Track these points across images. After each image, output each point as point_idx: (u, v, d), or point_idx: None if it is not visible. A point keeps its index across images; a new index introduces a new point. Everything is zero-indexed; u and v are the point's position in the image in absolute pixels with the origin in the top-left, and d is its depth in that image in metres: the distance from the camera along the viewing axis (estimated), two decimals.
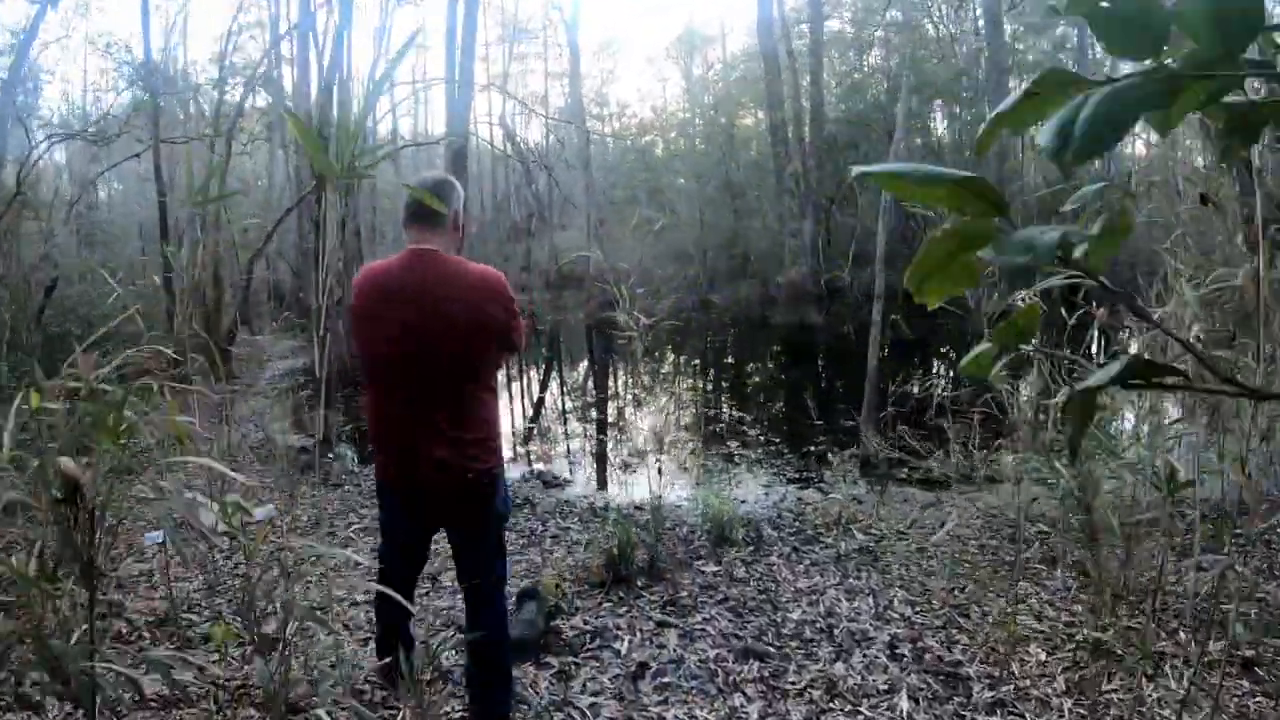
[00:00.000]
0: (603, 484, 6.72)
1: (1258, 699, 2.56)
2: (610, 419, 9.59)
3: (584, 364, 16.03)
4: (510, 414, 10.96)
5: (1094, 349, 3.91)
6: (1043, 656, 2.99)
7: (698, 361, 14.99)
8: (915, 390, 6.77)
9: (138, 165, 13.29)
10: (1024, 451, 3.19)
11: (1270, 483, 2.81)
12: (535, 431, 9.26)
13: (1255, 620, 2.26)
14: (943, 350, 14.18)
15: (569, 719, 2.71)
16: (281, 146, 17.43)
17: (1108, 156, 20.34)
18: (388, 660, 2.40)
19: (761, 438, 8.19)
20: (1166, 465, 2.21)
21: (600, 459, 7.67)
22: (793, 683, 2.96)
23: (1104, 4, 0.60)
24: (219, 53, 15.50)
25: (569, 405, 11.31)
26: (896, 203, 9.18)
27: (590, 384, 13.27)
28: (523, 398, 12.47)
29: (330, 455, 6.66)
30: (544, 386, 13.57)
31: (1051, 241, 0.64)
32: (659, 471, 4.36)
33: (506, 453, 8.10)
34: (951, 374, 11.85)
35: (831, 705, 2.80)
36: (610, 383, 13.01)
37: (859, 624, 3.43)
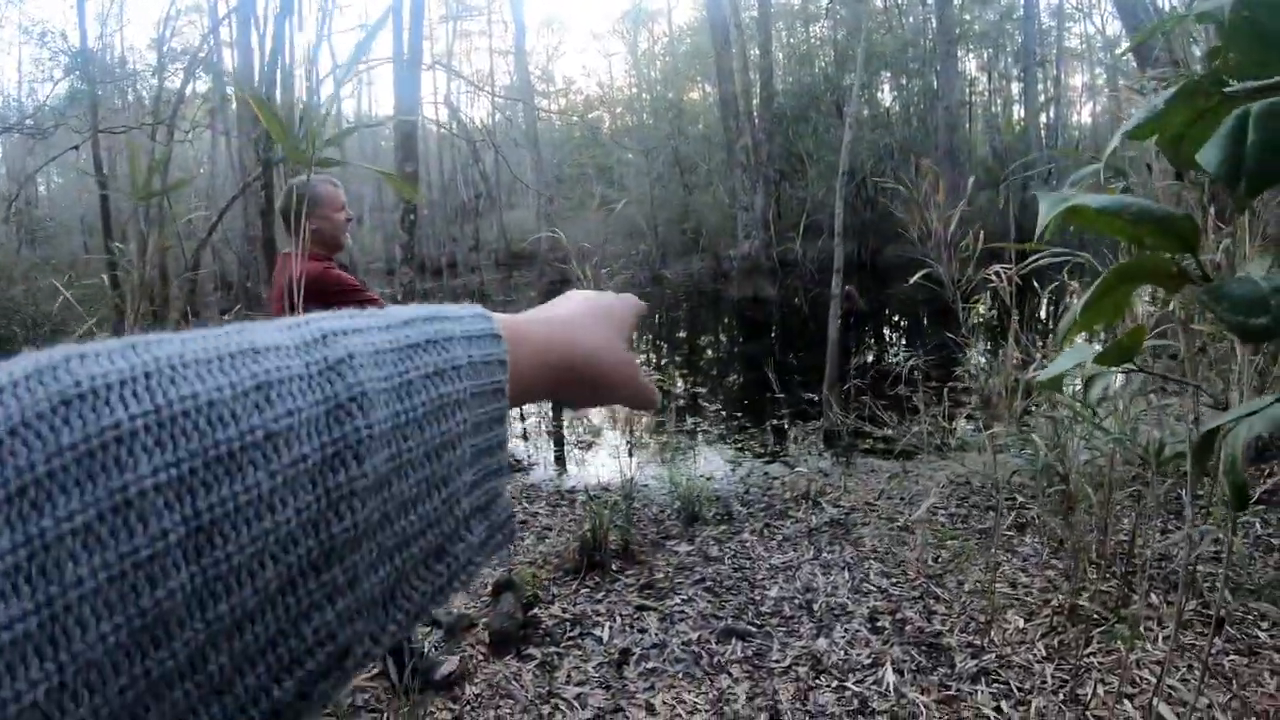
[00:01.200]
0: (565, 465, 6.66)
1: (1231, 657, 2.61)
2: None
3: None
4: None
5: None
6: (1021, 623, 3.03)
7: (651, 336, 14.97)
8: (880, 361, 6.81)
9: (77, 157, 12.77)
10: (999, 423, 3.21)
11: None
12: None
13: (1223, 580, 2.30)
14: (896, 320, 14.35)
15: (557, 711, 2.67)
16: (224, 133, 16.86)
17: (1054, 124, 20.72)
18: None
19: (723, 412, 8.19)
20: (1154, 440, 2.24)
21: (559, 440, 7.61)
22: (777, 661, 2.96)
23: (1244, 13, 0.58)
24: (157, 38, 14.90)
25: None
26: (851, 175, 9.20)
27: None
28: None
29: None
30: None
31: None
32: (629, 452, 4.32)
33: None
34: (905, 343, 12.00)
35: (818, 681, 2.80)
36: None
37: (837, 598, 3.44)
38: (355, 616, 0.28)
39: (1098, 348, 0.85)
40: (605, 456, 6.32)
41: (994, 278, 3.03)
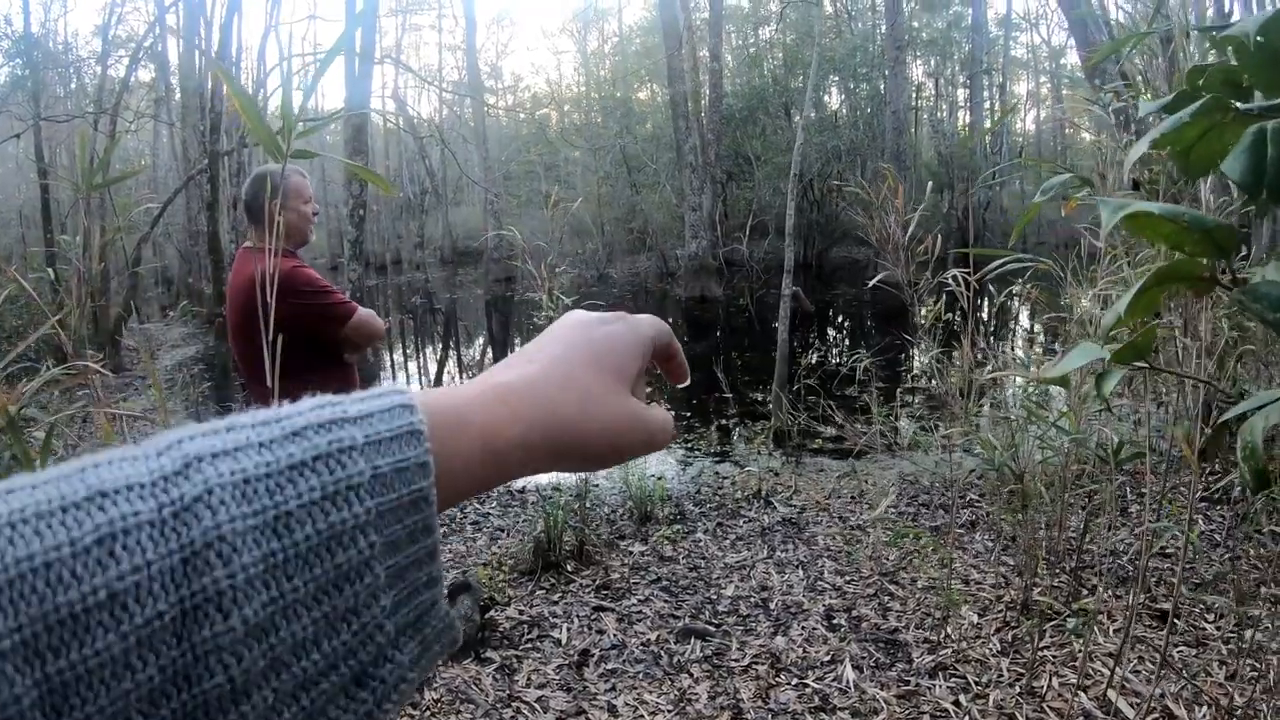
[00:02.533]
0: None
1: (1180, 649, 2.70)
2: None
3: (481, 340, 15.74)
4: None
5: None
6: (975, 619, 3.08)
7: None
8: (828, 361, 6.88)
9: (16, 146, 12.17)
10: (951, 423, 3.27)
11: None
12: None
13: (1179, 575, 2.37)
14: (842, 321, 14.55)
15: (519, 715, 2.63)
16: (168, 124, 16.30)
17: (1003, 130, 21.23)
18: None
19: (671, 411, 8.15)
20: (1113, 440, 2.29)
21: None
22: (736, 660, 2.96)
23: (1258, 38, 0.64)
24: (101, 25, 14.35)
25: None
26: (800, 177, 9.29)
27: (489, 361, 13.00)
28: (420, 377, 12.16)
29: None
30: (441, 365, 13.27)
31: None
32: None
33: None
34: (851, 344, 12.17)
35: (779, 680, 2.80)
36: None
37: (793, 596, 3.46)
38: None
39: (1101, 347, 0.90)
40: None
41: (952, 281, 3.07)
